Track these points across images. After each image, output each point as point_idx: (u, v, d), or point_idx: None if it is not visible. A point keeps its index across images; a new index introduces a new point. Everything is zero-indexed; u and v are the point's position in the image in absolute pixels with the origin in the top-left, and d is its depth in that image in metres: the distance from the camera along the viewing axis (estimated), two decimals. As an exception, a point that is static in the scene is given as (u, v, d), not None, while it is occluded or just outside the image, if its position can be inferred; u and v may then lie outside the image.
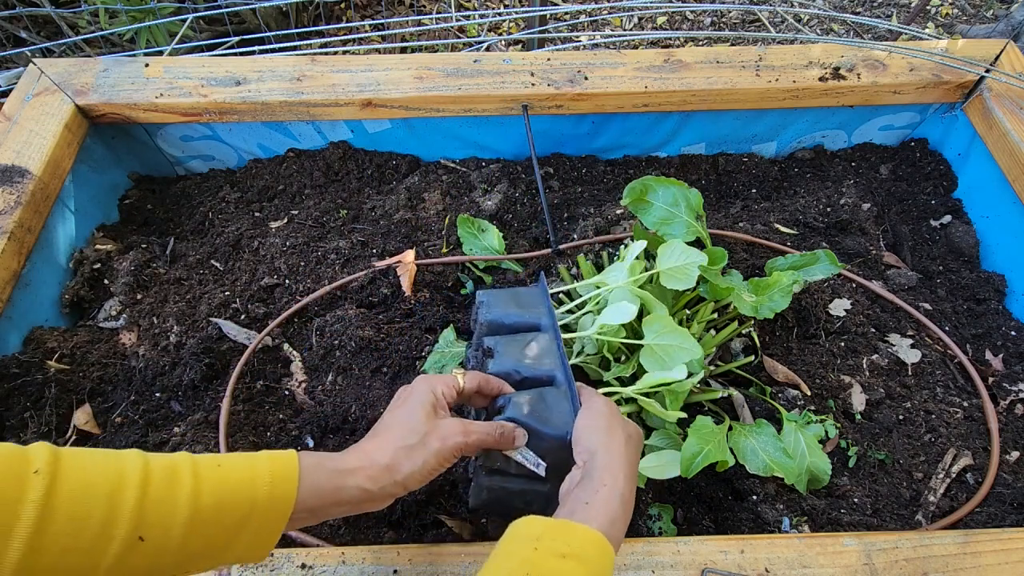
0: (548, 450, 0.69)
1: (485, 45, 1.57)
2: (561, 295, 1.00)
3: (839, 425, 0.91)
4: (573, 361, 0.89)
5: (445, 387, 0.67)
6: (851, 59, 1.20)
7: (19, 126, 1.08)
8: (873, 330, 1.03)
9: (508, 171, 1.26)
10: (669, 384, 0.79)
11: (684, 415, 0.81)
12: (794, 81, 1.17)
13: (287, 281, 1.08)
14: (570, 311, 0.92)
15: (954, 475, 0.88)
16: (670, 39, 2.49)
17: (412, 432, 0.62)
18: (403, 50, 1.98)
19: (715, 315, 0.96)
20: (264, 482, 0.54)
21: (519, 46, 2.43)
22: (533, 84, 1.16)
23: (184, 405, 0.95)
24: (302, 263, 1.09)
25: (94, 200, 1.17)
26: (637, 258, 0.87)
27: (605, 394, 0.79)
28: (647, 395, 0.82)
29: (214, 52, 1.42)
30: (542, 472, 0.68)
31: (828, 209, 1.18)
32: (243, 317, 1.04)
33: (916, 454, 0.90)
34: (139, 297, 1.07)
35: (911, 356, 1.00)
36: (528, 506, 0.73)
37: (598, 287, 0.88)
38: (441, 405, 0.66)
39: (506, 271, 1.11)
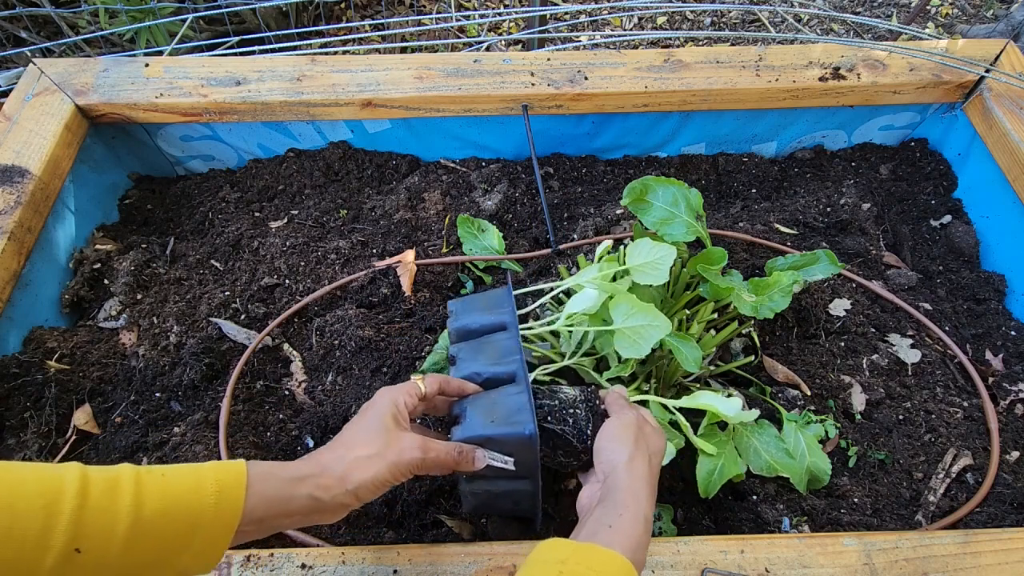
0: (510, 449, 0.69)
1: (485, 45, 1.57)
2: (561, 295, 1.00)
3: (839, 425, 0.91)
4: (565, 363, 0.88)
5: (407, 396, 0.67)
6: (851, 59, 1.20)
7: (19, 126, 1.08)
8: (873, 330, 1.03)
9: (508, 171, 1.26)
10: (716, 414, 0.79)
11: (715, 452, 0.82)
12: (794, 81, 1.17)
13: (287, 281, 1.08)
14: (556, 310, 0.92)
15: (954, 475, 0.88)
16: (670, 39, 2.49)
17: (369, 443, 0.62)
18: (403, 50, 1.98)
19: (715, 315, 0.96)
20: (210, 492, 0.53)
21: (519, 46, 2.43)
22: (533, 84, 1.16)
23: (184, 405, 0.95)
24: (302, 263, 1.09)
25: (94, 200, 1.17)
26: (610, 254, 0.87)
27: (639, 402, 0.79)
28: (685, 411, 0.81)
29: (214, 52, 1.42)
30: (511, 467, 0.68)
31: (828, 209, 1.18)
32: (243, 317, 1.04)
33: (916, 454, 0.90)
34: (139, 297, 1.07)
35: (911, 356, 1.00)
36: (517, 505, 0.74)
37: (578, 288, 0.88)
38: (403, 416, 0.66)
39: (506, 271, 1.11)
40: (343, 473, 0.60)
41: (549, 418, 0.67)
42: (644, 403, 0.82)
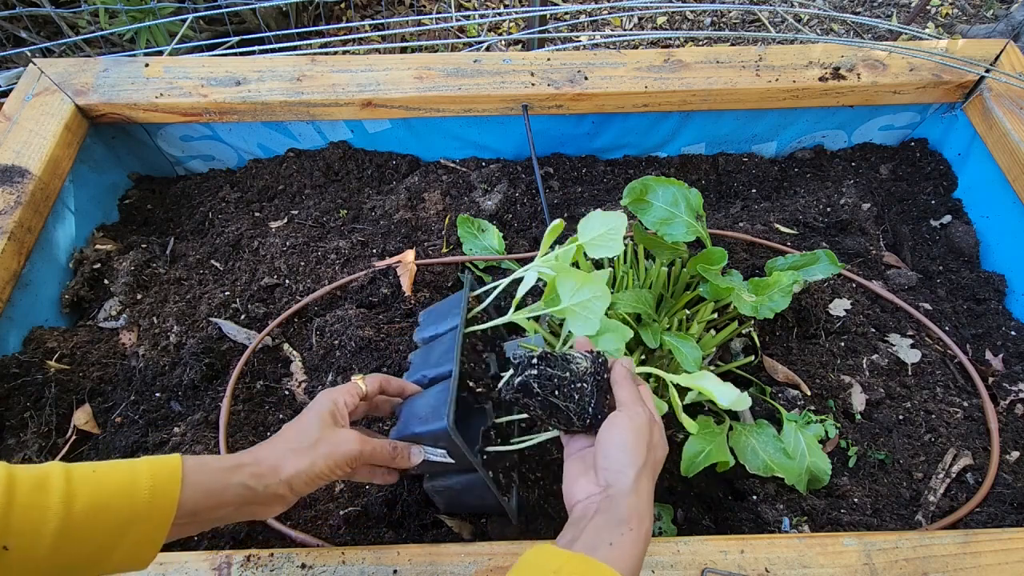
0: (436, 443, 0.71)
1: (485, 45, 1.57)
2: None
3: (839, 425, 0.91)
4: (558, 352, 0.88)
5: (347, 396, 0.69)
6: (851, 59, 1.20)
7: (19, 126, 1.08)
8: (873, 330, 1.03)
9: (508, 171, 1.26)
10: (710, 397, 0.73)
11: (696, 430, 0.78)
12: (794, 81, 1.17)
13: (287, 281, 1.08)
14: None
15: (954, 475, 0.87)
16: (670, 39, 2.49)
17: (304, 436, 0.64)
18: (403, 50, 1.98)
19: (715, 315, 0.96)
20: (144, 486, 0.53)
21: (519, 46, 2.43)
22: (533, 84, 1.16)
23: (184, 405, 0.95)
24: (302, 263, 1.09)
25: (94, 200, 1.17)
26: (572, 241, 0.84)
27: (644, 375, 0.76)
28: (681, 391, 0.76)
29: (214, 52, 1.42)
30: (448, 459, 0.70)
31: (828, 209, 1.18)
32: (243, 317, 1.04)
33: (916, 454, 0.90)
34: (139, 297, 1.07)
35: (911, 356, 1.00)
36: (484, 500, 0.75)
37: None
38: (341, 415, 0.67)
39: (506, 271, 1.11)
40: (277, 463, 0.61)
41: (556, 392, 0.64)
42: (646, 377, 0.81)
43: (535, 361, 0.64)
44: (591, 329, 0.77)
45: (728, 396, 0.66)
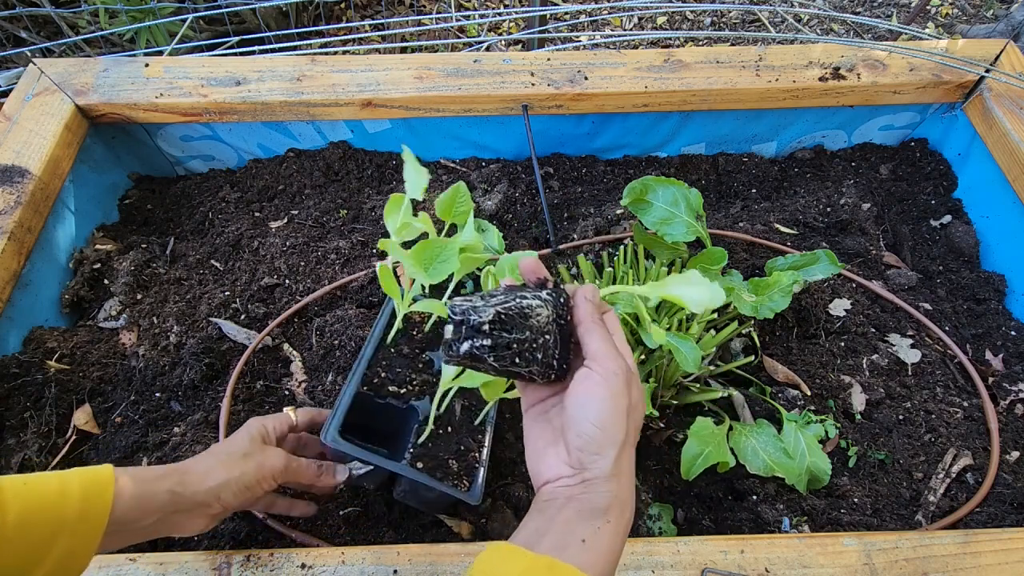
0: (332, 455, 0.75)
1: (485, 45, 1.57)
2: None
3: (839, 425, 0.91)
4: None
5: (277, 423, 0.73)
6: (851, 59, 1.20)
7: (19, 126, 1.08)
8: (873, 330, 1.03)
9: (508, 171, 1.26)
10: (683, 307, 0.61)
11: (665, 339, 0.68)
12: (794, 81, 1.17)
13: (287, 281, 1.08)
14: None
15: (954, 475, 0.88)
16: (670, 39, 2.49)
17: (234, 450, 0.67)
18: (403, 50, 1.98)
19: (715, 315, 0.96)
20: (75, 498, 0.53)
21: (519, 46, 2.43)
22: (533, 84, 1.16)
23: (184, 405, 0.95)
24: (302, 263, 1.09)
25: (94, 200, 1.17)
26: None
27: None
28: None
29: (214, 52, 1.42)
30: (371, 466, 0.72)
31: (828, 209, 1.18)
32: (243, 317, 1.04)
33: (916, 454, 0.90)
34: (139, 297, 1.07)
35: (911, 356, 1.00)
36: (438, 493, 0.75)
37: None
38: (270, 438, 0.71)
39: (506, 271, 1.11)
40: (205, 472, 0.63)
41: (517, 360, 0.52)
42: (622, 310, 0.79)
43: (487, 328, 0.51)
44: None
45: (698, 297, 0.55)
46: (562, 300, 0.54)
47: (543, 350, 0.52)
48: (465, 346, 0.51)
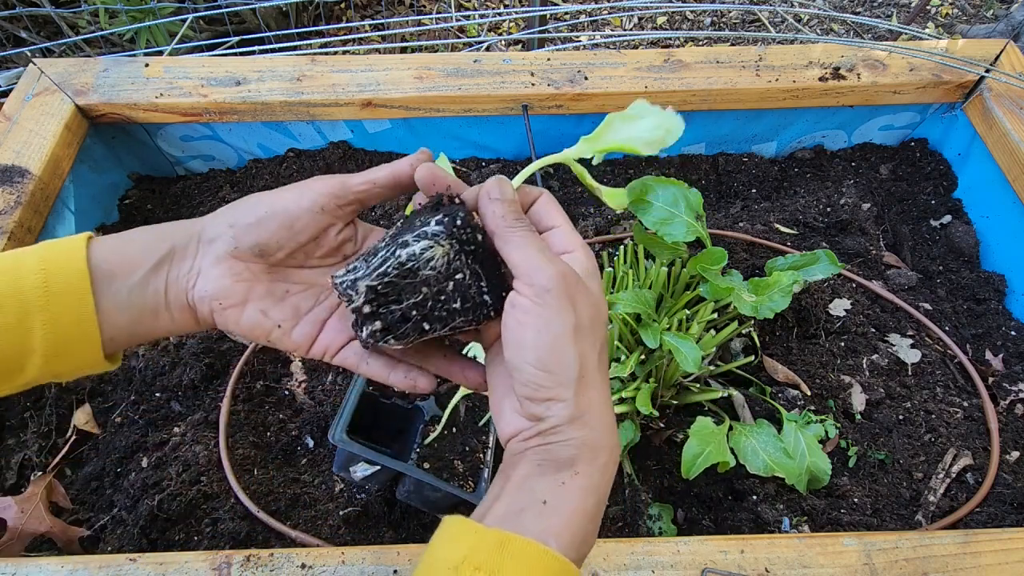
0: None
1: (485, 45, 1.57)
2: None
3: (839, 425, 0.91)
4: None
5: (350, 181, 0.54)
6: (851, 59, 1.19)
7: (19, 126, 1.08)
8: (873, 330, 1.03)
9: (508, 171, 1.26)
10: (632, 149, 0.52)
11: (624, 201, 0.56)
12: (794, 81, 1.17)
13: (287, 281, 1.08)
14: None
15: (954, 475, 0.88)
16: (670, 39, 2.49)
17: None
18: (403, 50, 1.98)
19: (715, 315, 0.96)
20: (30, 268, 0.44)
21: (519, 46, 2.43)
22: (533, 84, 1.16)
23: (184, 405, 0.95)
24: (302, 263, 1.09)
25: (94, 200, 1.17)
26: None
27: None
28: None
29: (214, 52, 1.42)
30: (380, 463, 0.71)
31: (828, 209, 1.18)
32: (243, 317, 1.04)
33: (916, 454, 0.90)
34: (139, 297, 1.07)
35: (911, 356, 1.00)
36: (443, 492, 0.75)
37: None
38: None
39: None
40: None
41: (427, 326, 0.43)
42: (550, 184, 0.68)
43: (367, 309, 0.42)
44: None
45: (648, 133, 0.43)
46: (462, 218, 0.42)
47: (459, 295, 0.42)
48: (364, 333, 0.43)
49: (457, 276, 0.42)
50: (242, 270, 0.47)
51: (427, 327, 0.43)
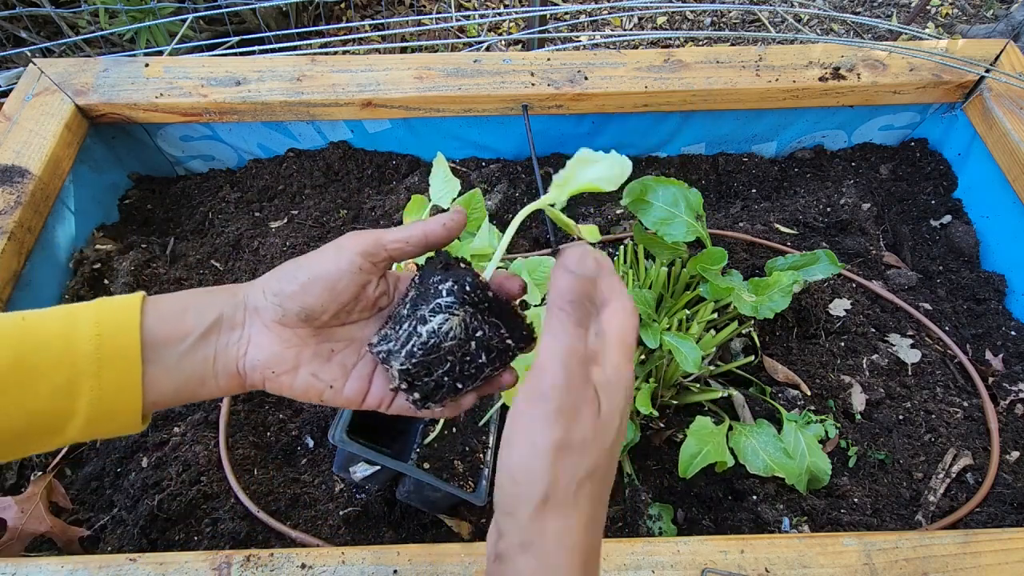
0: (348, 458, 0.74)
1: (485, 45, 1.57)
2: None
3: (839, 425, 0.91)
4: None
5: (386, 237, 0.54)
6: (851, 59, 1.19)
7: (19, 126, 1.08)
8: (873, 330, 1.03)
9: (508, 171, 1.26)
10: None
11: (597, 235, 0.56)
12: (794, 81, 1.17)
13: (287, 281, 1.08)
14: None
15: (954, 475, 0.88)
16: (670, 39, 2.49)
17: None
18: (403, 50, 1.98)
19: (715, 315, 0.96)
20: (86, 330, 0.43)
21: (519, 46, 2.43)
22: (533, 84, 1.16)
23: (184, 405, 0.95)
24: (302, 263, 1.09)
25: (94, 200, 1.17)
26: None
27: None
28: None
29: (214, 52, 1.42)
30: (380, 463, 0.72)
31: (828, 209, 1.18)
32: (243, 317, 1.04)
33: (916, 454, 0.90)
34: (139, 297, 1.07)
35: (911, 356, 1.00)
36: (444, 492, 0.76)
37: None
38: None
39: (506, 271, 1.11)
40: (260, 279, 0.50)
41: (460, 385, 0.47)
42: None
43: (397, 380, 0.46)
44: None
45: (607, 172, 0.43)
46: (470, 283, 0.46)
47: (483, 350, 0.46)
48: (407, 400, 0.48)
49: (477, 334, 0.46)
50: (290, 336, 0.48)
51: (460, 386, 0.47)
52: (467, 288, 0.46)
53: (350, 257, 0.47)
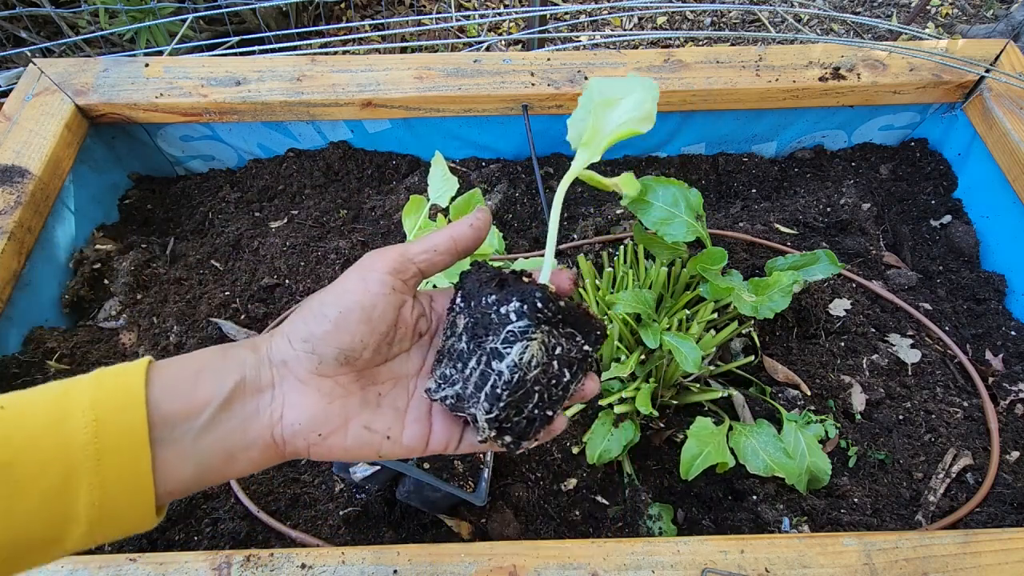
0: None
1: (485, 45, 1.57)
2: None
3: (839, 425, 0.91)
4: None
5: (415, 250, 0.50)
6: (851, 59, 1.19)
7: (19, 126, 1.08)
8: (873, 330, 1.03)
9: (508, 171, 1.26)
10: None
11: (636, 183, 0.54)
12: (794, 81, 1.17)
13: (287, 281, 1.08)
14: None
15: (954, 475, 0.88)
16: (670, 39, 2.49)
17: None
18: (403, 50, 1.98)
19: (715, 315, 0.96)
20: (79, 416, 0.37)
21: (519, 46, 2.43)
22: (533, 84, 1.16)
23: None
24: (302, 263, 1.09)
25: (94, 200, 1.17)
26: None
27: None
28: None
29: (214, 52, 1.42)
30: (376, 467, 0.73)
31: (828, 209, 1.18)
32: (243, 317, 1.04)
33: (916, 454, 0.90)
34: (139, 297, 1.07)
35: (911, 356, 1.00)
36: (443, 492, 0.76)
37: None
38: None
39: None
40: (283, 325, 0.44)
41: (551, 412, 0.43)
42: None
43: (488, 430, 0.41)
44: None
45: (633, 104, 0.38)
46: (541, 299, 0.40)
47: (565, 365, 0.42)
48: (506, 441, 0.42)
49: (557, 352, 0.41)
50: (331, 387, 0.42)
51: (551, 413, 0.42)
52: (538, 306, 0.40)
53: (379, 278, 0.42)
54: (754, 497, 0.85)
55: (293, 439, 0.41)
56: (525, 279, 0.43)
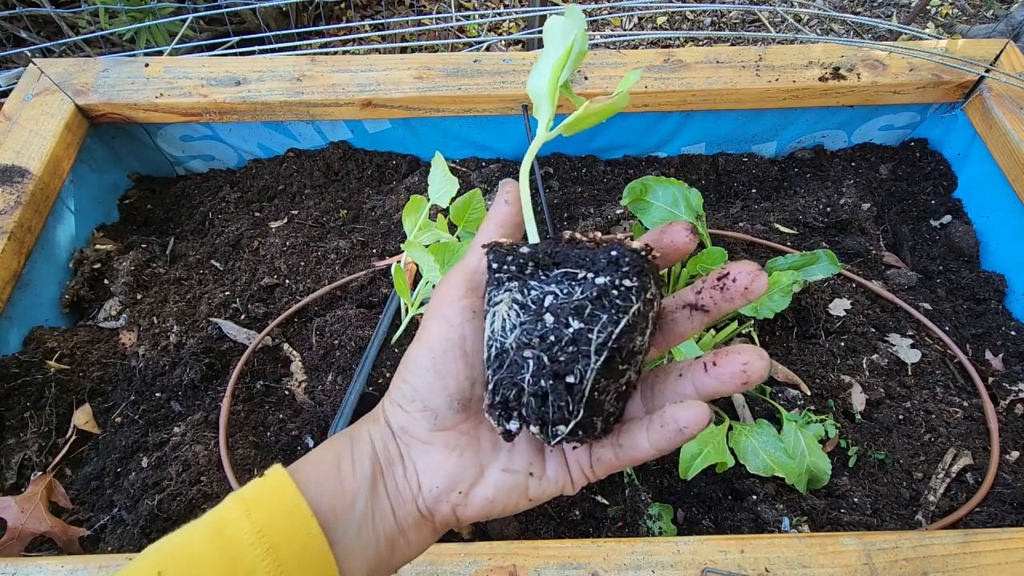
0: None
1: (485, 45, 1.57)
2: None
3: (839, 425, 0.91)
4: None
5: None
6: (851, 59, 1.19)
7: (19, 126, 1.08)
8: (873, 330, 1.03)
9: (508, 171, 1.26)
10: None
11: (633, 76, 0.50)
12: (794, 81, 1.17)
13: (287, 281, 1.08)
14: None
15: (954, 475, 0.88)
16: (670, 39, 2.49)
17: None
18: (403, 50, 1.98)
19: (715, 315, 0.96)
20: (254, 557, 0.34)
21: (519, 46, 2.43)
22: (533, 84, 1.16)
23: (184, 405, 0.95)
24: (302, 263, 1.09)
25: (94, 200, 1.17)
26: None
27: None
28: None
29: (214, 52, 1.42)
30: None
31: (828, 209, 1.18)
32: (243, 317, 1.04)
33: (916, 454, 0.90)
34: (139, 297, 1.07)
35: (911, 356, 1.00)
36: None
37: None
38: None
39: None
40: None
41: (634, 375, 0.37)
42: None
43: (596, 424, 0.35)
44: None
45: (559, 27, 0.38)
46: (643, 259, 0.35)
47: (647, 328, 0.36)
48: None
49: (651, 314, 0.36)
50: (457, 439, 0.40)
51: (633, 377, 0.36)
52: (637, 268, 0.34)
53: (456, 308, 0.39)
54: (754, 497, 0.85)
55: (436, 505, 0.39)
56: (586, 240, 0.37)
